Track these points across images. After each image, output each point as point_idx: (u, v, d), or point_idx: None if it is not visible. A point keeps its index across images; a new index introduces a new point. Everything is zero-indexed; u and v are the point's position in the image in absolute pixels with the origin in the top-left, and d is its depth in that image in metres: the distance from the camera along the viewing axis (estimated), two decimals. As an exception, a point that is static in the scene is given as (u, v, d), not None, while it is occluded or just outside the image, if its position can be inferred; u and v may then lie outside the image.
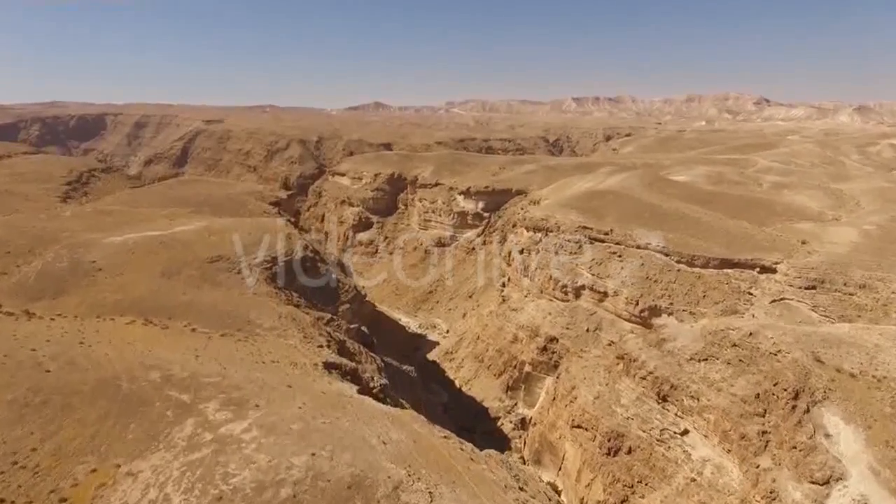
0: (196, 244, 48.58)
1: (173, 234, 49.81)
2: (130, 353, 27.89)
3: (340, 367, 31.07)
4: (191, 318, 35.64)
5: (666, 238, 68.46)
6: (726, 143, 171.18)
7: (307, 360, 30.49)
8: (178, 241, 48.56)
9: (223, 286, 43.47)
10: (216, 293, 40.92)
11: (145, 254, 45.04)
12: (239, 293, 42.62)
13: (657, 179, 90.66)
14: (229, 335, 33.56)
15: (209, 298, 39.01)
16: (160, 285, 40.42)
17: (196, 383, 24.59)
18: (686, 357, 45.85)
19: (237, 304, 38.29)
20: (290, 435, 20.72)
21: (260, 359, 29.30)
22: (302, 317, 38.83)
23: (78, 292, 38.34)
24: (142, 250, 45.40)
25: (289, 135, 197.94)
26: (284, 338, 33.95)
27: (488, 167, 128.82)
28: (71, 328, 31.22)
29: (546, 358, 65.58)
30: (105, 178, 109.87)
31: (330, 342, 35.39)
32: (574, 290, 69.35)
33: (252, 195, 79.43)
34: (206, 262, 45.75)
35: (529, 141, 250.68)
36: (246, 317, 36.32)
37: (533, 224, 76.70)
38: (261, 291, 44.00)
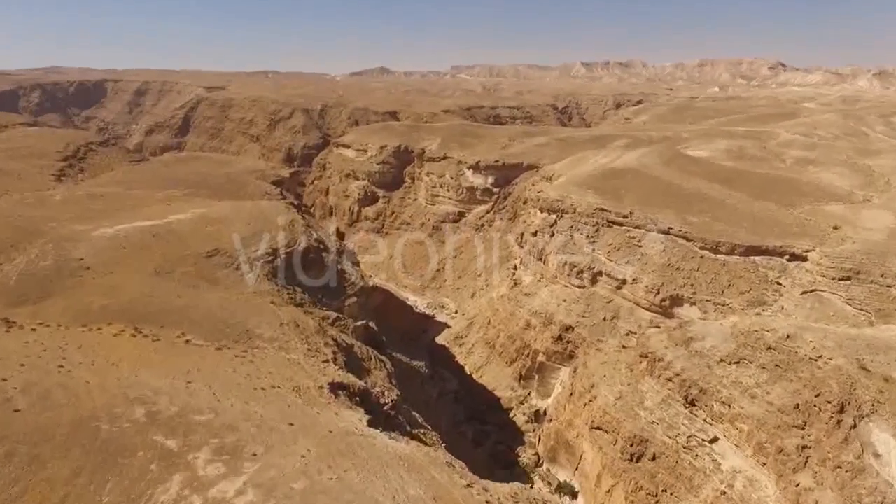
0: (192, 236, 45.24)
1: (168, 225, 46.44)
2: (114, 379, 24.90)
3: (348, 388, 28.06)
4: (184, 327, 32.57)
5: (688, 222, 64.59)
6: (744, 113, 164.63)
7: (311, 381, 27.46)
8: (172, 232, 45.21)
9: (221, 284, 40.32)
10: (213, 294, 37.77)
11: (137, 249, 41.78)
12: (238, 293, 39.48)
13: (677, 156, 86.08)
14: (226, 348, 30.52)
15: (205, 302, 35.87)
16: (152, 286, 37.26)
17: (185, 423, 21.60)
18: (716, 359, 42.74)
19: (235, 310, 35.15)
20: (292, 499, 17.74)
21: (259, 383, 26.26)
22: (305, 322, 35.72)
23: (63, 295, 35.25)
24: (133, 245, 42.12)
25: (292, 103, 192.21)
26: (286, 351, 30.88)
27: (497, 139, 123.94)
28: (52, 343, 28.22)
29: (561, 348, 62.70)
30: (102, 153, 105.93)
31: (336, 354, 32.34)
32: (590, 276, 65.98)
33: (253, 174, 75.64)
34: (202, 257, 42.51)
35: (538, 108, 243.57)
36: (244, 325, 33.21)
37: (547, 205, 72.82)
38: (261, 290, 40.84)
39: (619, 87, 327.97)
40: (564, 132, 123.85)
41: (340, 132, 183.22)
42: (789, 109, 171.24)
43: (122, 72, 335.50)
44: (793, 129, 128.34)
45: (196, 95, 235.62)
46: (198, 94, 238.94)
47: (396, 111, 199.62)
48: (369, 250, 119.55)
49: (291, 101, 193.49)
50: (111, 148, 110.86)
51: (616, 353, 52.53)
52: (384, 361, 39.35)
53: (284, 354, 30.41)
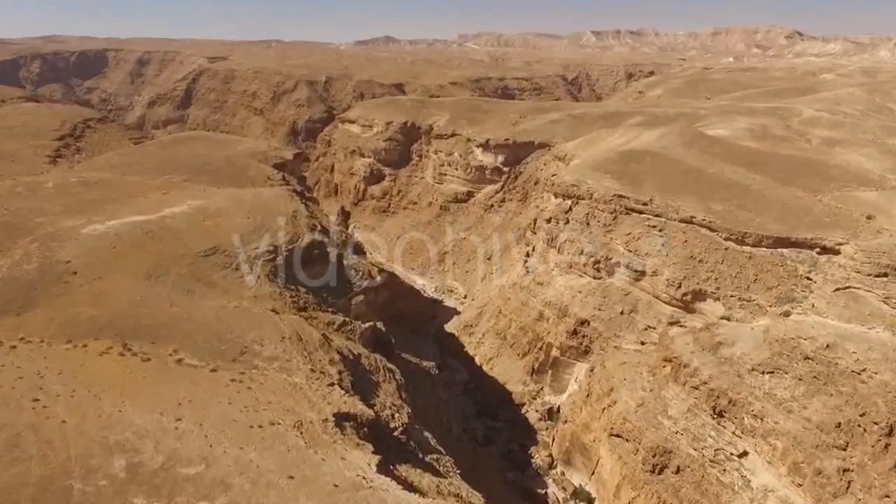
0: (188, 233, 42.18)
1: (162, 220, 43.33)
2: (94, 417, 22.21)
3: (355, 419, 25.33)
4: (177, 342, 29.79)
5: (712, 210, 60.85)
6: (762, 86, 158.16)
7: (315, 413, 24.71)
8: (167, 229, 42.15)
9: (219, 287, 37.43)
10: (209, 301, 34.90)
11: (129, 248, 38.80)
12: (236, 297, 36.61)
13: (697, 137, 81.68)
14: (222, 369, 27.76)
15: (200, 311, 33.00)
16: (144, 292, 34.40)
17: (171, 479, 18.91)
18: (747, 367, 39.83)
19: (233, 321, 32.28)
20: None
21: (256, 418, 23.52)
22: (309, 334, 32.86)
23: (48, 304, 32.47)
24: (125, 244, 39.12)
25: (296, 75, 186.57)
26: (288, 372, 28.09)
27: (508, 115, 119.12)
28: (30, 368, 25.52)
29: (576, 343, 59.93)
30: (101, 130, 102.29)
31: (342, 374, 29.55)
32: (607, 266, 62.73)
33: (255, 156, 72.05)
34: (199, 257, 39.54)
35: (547, 80, 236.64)
36: (243, 341, 30.38)
37: (562, 190, 69.13)
38: (262, 293, 37.96)
39: (630, 57, 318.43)
40: (577, 108, 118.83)
41: (345, 105, 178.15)
42: (809, 83, 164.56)
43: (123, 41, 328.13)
44: (815, 104, 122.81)
45: (198, 66, 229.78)
46: (200, 65, 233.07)
47: (403, 83, 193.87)
48: (375, 230, 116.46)
49: (295, 73, 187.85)
50: (110, 125, 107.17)
51: (636, 353, 49.73)
52: (393, 371, 36.63)
53: (286, 377, 27.62)
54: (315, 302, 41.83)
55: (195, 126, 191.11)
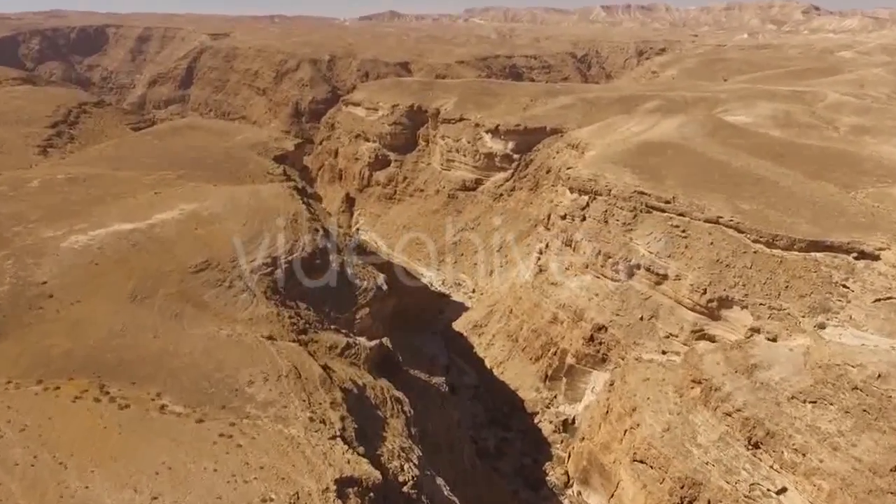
0: (178, 244, 38.50)
1: (151, 229, 39.62)
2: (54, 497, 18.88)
3: (360, 483, 22.00)
4: (161, 384, 26.40)
5: (739, 209, 56.63)
6: (780, 66, 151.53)
7: (313, 480, 21.36)
8: (155, 240, 38.46)
9: (210, 309, 33.89)
10: (199, 328, 31.39)
11: (112, 264, 35.19)
12: (230, 322, 33.09)
13: (720, 126, 76.85)
14: (209, 419, 24.39)
15: (188, 343, 29.52)
16: (127, 319, 30.90)
17: None
18: (787, 395, 36.30)
19: (224, 355, 28.79)
20: None
21: (246, 493, 20.18)
22: (309, 367, 29.39)
23: (19, 336, 29.03)
24: (108, 259, 35.51)
25: (299, 53, 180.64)
26: (284, 422, 24.70)
27: (518, 98, 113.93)
28: (-11, 423, 22.17)
29: (593, 350, 56.48)
30: (97, 115, 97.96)
31: (345, 420, 26.13)
32: (626, 268, 58.84)
33: (255, 148, 67.92)
34: (189, 273, 35.92)
35: (556, 57, 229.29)
36: (234, 381, 26.93)
37: (578, 185, 64.90)
38: (258, 315, 34.42)
39: (640, 33, 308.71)
40: (590, 92, 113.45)
41: (350, 86, 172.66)
42: (830, 63, 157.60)
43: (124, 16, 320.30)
44: (838, 87, 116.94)
45: (200, 43, 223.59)
46: (201, 42, 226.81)
47: (408, 62, 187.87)
48: (381, 217, 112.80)
49: (298, 51, 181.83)
50: (107, 109, 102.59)
51: (660, 367, 46.21)
52: (401, 402, 33.27)
53: (282, 428, 24.23)
54: (316, 319, 38.32)
55: (197, 106, 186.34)
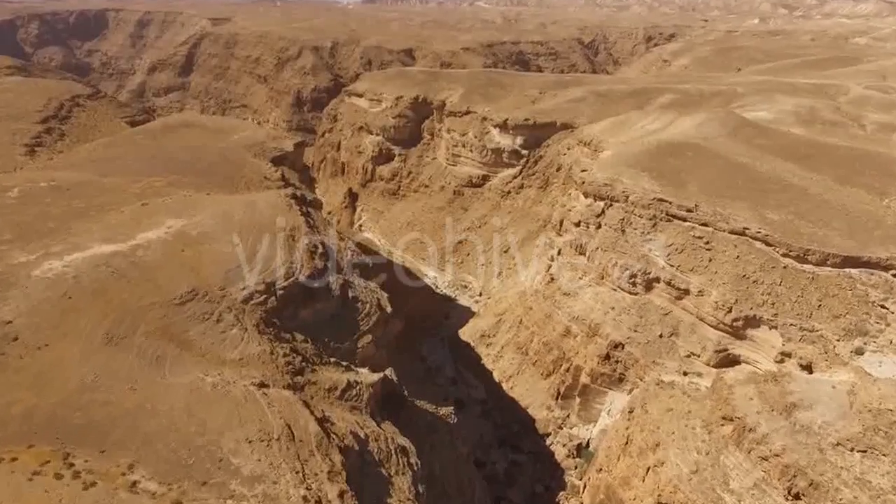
0: (163, 270, 34.80)
1: (133, 252, 35.89)
2: None
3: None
4: (133, 452, 22.93)
5: (767, 220, 52.47)
6: (797, 56, 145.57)
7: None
8: (138, 265, 34.74)
9: (195, 349, 30.31)
10: (182, 376, 27.83)
11: (88, 297, 31.54)
12: (217, 364, 29.53)
13: (741, 124, 72.27)
14: (187, 501, 20.91)
15: (167, 398, 25.97)
16: (100, 366, 27.35)
17: None
18: (831, 440, 32.73)
19: (208, 413, 25.25)
20: None
21: None
22: (304, 425, 25.86)
23: (-24, 387, 25.53)
24: (83, 291, 31.84)
25: (301, 40, 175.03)
26: (274, 502, 21.20)
27: (526, 91, 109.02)
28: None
29: (609, 369, 52.88)
30: (90, 108, 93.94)
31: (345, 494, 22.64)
32: (644, 281, 55.02)
33: (251, 149, 63.84)
34: (173, 306, 32.28)
35: (563, 44, 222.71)
36: (217, 448, 23.42)
37: (593, 190, 60.75)
38: (249, 354, 30.84)
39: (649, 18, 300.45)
40: (602, 84, 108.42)
41: (352, 73, 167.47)
42: (848, 51, 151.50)
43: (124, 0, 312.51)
44: (860, 78, 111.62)
45: (200, 28, 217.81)
46: (202, 27, 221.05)
47: (412, 48, 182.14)
48: (384, 214, 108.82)
49: (300, 38, 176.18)
50: (100, 101, 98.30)
51: (684, 397, 42.58)
52: (407, 453, 29.80)
53: (270, 512, 20.77)
54: (314, 352, 34.78)
55: (197, 94, 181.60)
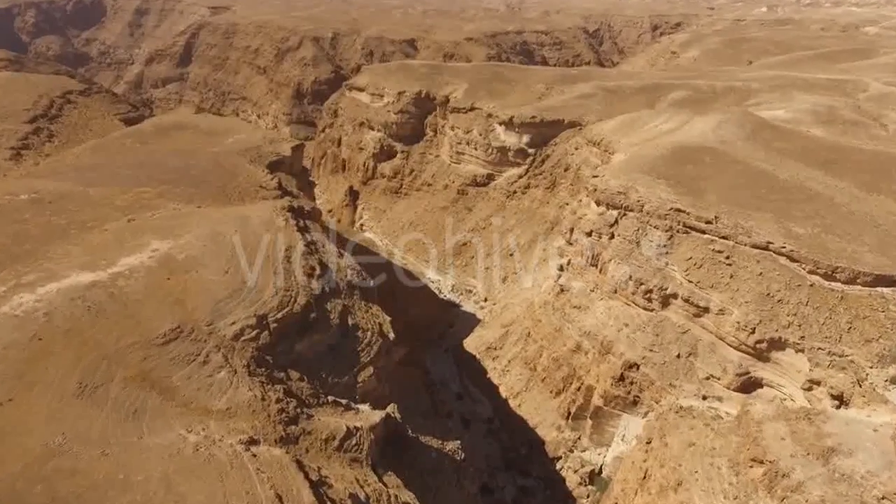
0: (145, 303, 31.61)
1: (114, 282, 32.65)
2: None
3: None
4: (101, 538, 19.94)
5: (792, 233, 49.11)
6: (809, 47, 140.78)
7: None
8: (117, 298, 31.54)
9: (178, 397, 27.23)
10: (161, 434, 24.76)
11: (60, 338, 28.38)
12: (202, 415, 26.47)
13: (760, 126, 68.56)
14: None
15: (144, 465, 22.88)
16: (70, 425, 24.29)
17: None
18: (876, 493, 29.68)
19: (188, 489, 22.16)
20: None
21: None
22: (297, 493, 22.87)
23: (-72, 454, 22.50)
24: (56, 331, 28.68)
25: (301, 30, 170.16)
26: None
27: (532, 86, 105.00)
28: None
29: (623, 391, 49.87)
30: (83, 105, 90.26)
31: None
32: (660, 297, 51.80)
33: (247, 153, 60.36)
34: (156, 346, 29.15)
35: (567, 33, 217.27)
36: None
37: (606, 198, 57.29)
38: (238, 403, 27.76)
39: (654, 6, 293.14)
40: (610, 79, 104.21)
41: (354, 65, 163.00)
42: (862, 43, 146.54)
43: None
44: (876, 73, 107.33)
45: (199, 17, 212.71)
46: (201, 16, 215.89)
47: (415, 38, 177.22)
48: (386, 213, 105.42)
49: (300, 28, 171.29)
50: (94, 97, 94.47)
51: (707, 430, 39.54)
52: (412, 514, 26.86)
53: None
54: (311, 392, 31.73)
55: (196, 86, 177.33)
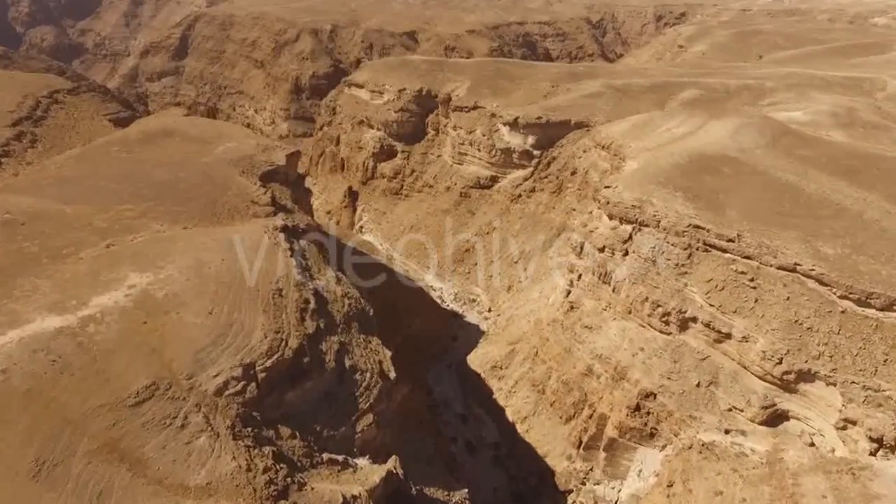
0: (117, 354, 27.99)
1: (83, 329, 28.96)
2: None
3: None
4: None
5: (821, 254, 45.40)
6: (820, 41, 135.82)
7: None
8: (86, 349, 27.92)
9: (150, 472, 23.74)
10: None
11: (18, 402, 24.78)
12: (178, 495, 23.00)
13: (780, 132, 64.57)
14: None
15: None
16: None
17: None
18: (934, 570, 26.58)
19: None
20: None
21: None
22: None
23: None
24: (13, 393, 25.06)
25: (299, 22, 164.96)
26: None
27: (537, 83, 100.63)
28: None
29: (639, 423, 46.46)
30: (71, 105, 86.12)
31: None
32: (678, 320, 48.24)
33: (239, 164, 56.15)
34: (127, 407, 25.62)
35: (570, 24, 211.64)
36: None
37: (619, 212, 53.50)
38: (220, 476, 24.28)
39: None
40: (618, 77, 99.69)
41: (353, 58, 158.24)
42: (874, 36, 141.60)
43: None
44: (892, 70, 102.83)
45: (196, 8, 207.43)
46: (198, 6, 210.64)
47: (415, 31, 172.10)
48: (386, 215, 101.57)
49: (298, 20, 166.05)
50: (83, 97, 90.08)
51: (734, 475, 36.22)
52: None
53: None
54: (304, 451, 28.28)
55: (192, 79, 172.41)
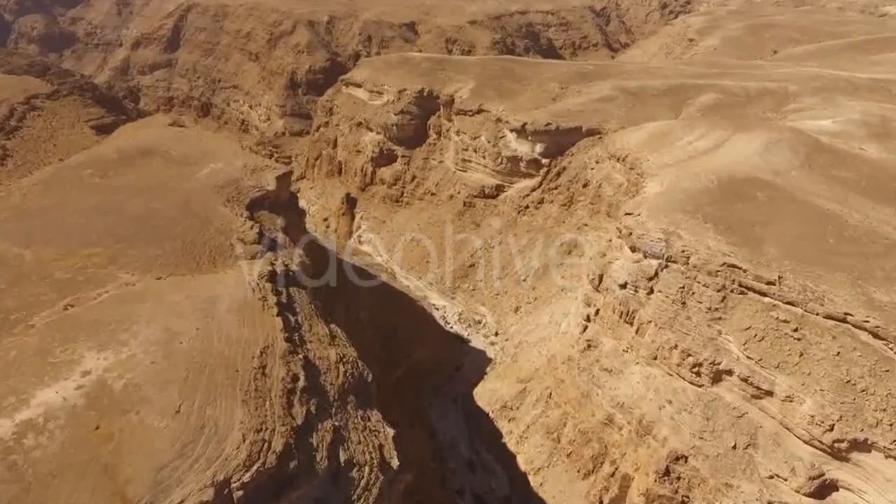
0: (60, 477, 22.43)
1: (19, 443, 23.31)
2: None
3: None
4: None
5: (874, 302, 39.76)
6: (836, 35, 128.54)
7: None
8: (20, 474, 22.24)
9: None
10: None
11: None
12: None
13: (814, 149, 58.59)
14: None
15: None
16: None
17: None
18: None
19: None
20: None
21: None
22: None
23: None
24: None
25: (295, 13, 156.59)
26: None
27: (545, 84, 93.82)
28: None
29: (669, 490, 41.27)
30: (50, 112, 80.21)
31: None
32: (711, 371, 42.84)
33: (224, 190, 49.98)
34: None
35: (574, 13, 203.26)
36: None
37: (644, 245, 47.68)
38: None
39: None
40: (631, 78, 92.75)
41: (351, 51, 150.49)
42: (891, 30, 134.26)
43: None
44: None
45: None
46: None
47: (415, 22, 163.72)
48: (386, 224, 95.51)
49: (294, 11, 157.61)
50: (63, 101, 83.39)
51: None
52: None
53: None
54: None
55: (184, 73, 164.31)
